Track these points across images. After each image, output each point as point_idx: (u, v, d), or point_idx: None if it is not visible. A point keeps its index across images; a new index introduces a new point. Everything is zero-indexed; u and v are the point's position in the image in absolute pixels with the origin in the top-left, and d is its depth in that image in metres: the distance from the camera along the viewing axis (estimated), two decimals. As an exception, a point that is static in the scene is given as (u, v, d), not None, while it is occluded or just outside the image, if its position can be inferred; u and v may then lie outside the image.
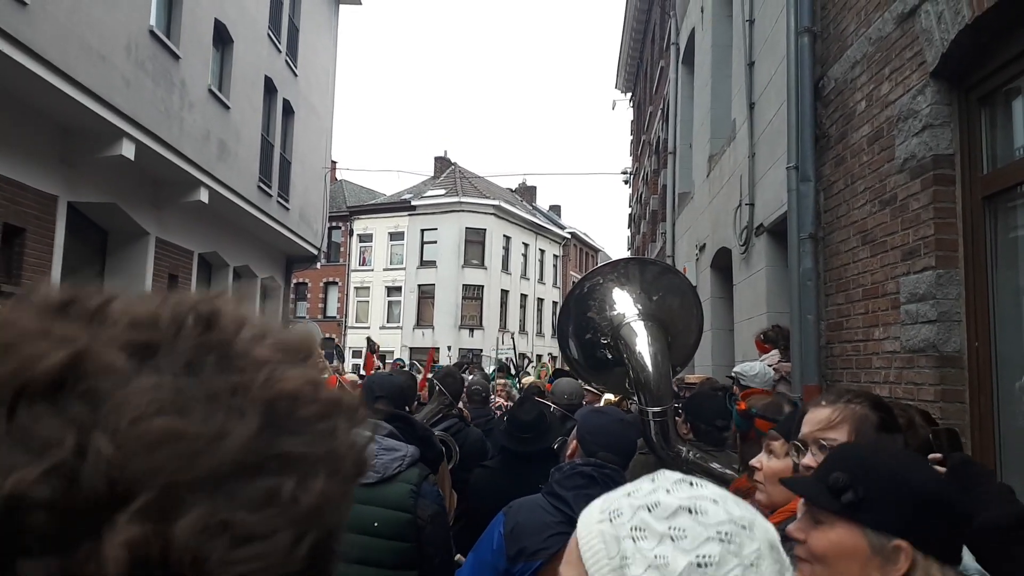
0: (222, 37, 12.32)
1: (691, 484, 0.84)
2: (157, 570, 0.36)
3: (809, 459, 1.86)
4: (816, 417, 1.89)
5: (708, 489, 0.83)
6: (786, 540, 1.47)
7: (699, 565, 0.75)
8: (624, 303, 3.75)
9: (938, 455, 2.19)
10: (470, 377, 6.74)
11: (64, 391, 0.38)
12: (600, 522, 0.82)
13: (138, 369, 0.40)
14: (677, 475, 0.86)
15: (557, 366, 16.63)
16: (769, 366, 5.27)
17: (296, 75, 16.51)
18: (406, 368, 10.64)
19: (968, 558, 1.67)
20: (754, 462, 2.16)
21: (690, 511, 0.79)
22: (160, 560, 0.36)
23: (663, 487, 0.83)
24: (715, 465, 3.31)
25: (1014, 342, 3.40)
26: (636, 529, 0.79)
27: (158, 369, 0.41)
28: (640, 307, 3.70)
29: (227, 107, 12.28)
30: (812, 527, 1.36)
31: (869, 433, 1.81)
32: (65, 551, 0.35)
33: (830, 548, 1.32)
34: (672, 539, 0.77)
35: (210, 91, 11.58)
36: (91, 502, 0.36)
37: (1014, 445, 3.32)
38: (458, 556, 3.10)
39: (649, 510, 0.80)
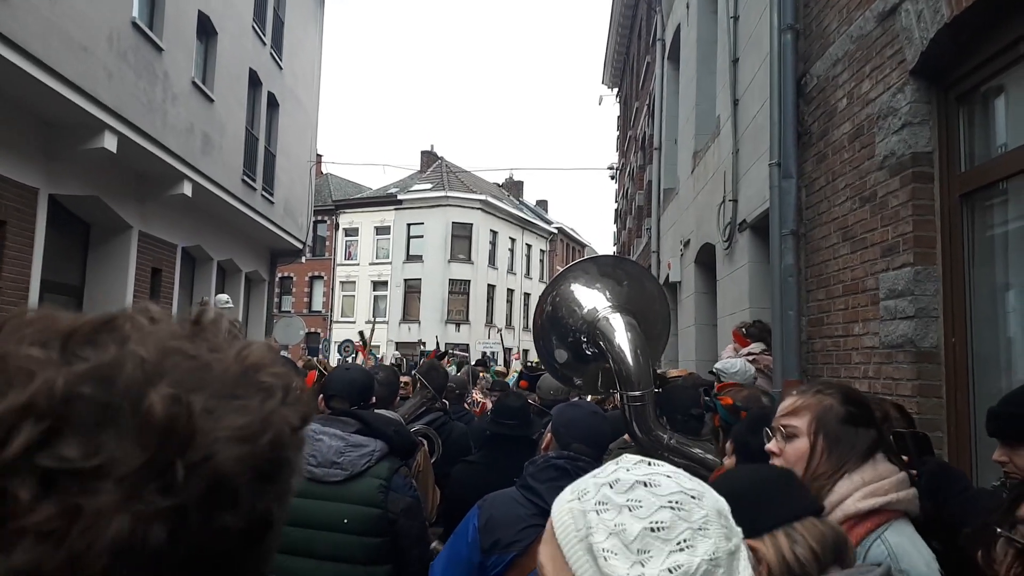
0: (206, 29, 12.23)
1: (648, 464, 0.94)
2: (182, 426, 0.51)
3: (772, 445, 1.89)
4: (785, 404, 1.92)
5: (663, 467, 0.93)
6: None
7: (652, 529, 0.85)
8: (594, 299, 3.78)
9: (903, 457, 2.22)
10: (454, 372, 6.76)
11: (101, 334, 0.55)
12: (570, 501, 0.92)
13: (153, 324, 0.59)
14: (637, 457, 0.95)
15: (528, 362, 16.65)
16: (753, 357, 5.31)
17: (281, 68, 16.42)
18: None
19: (924, 566, 1.69)
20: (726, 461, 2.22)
21: (645, 484, 0.89)
22: (183, 419, 0.51)
23: (623, 467, 0.93)
24: (696, 450, 3.35)
25: (990, 338, 3.45)
26: (599, 503, 0.89)
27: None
28: (609, 298, 3.74)
29: (211, 100, 12.19)
30: None
31: (832, 424, 1.82)
32: (106, 429, 0.50)
33: None
34: (629, 509, 0.87)
35: (194, 84, 11.49)
36: (127, 391, 0.51)
37: (990, 440, 3.35)
38: (434, 544, 3.11)
39: (611, 486, 0.90)
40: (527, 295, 41.79)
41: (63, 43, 7.69)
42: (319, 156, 25.25)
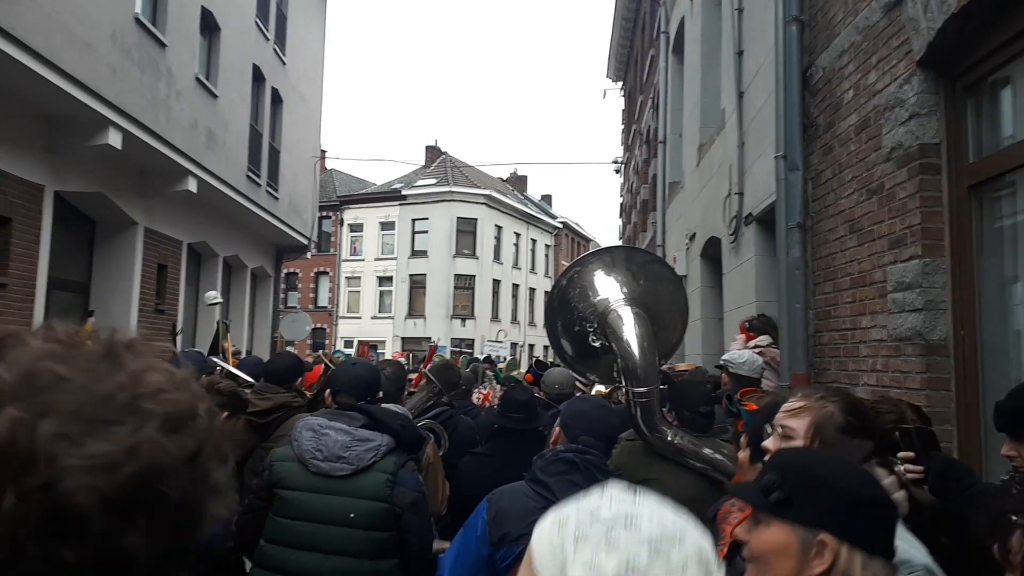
0: (209, 25, 12.22)
1: (633, 498, 0.93)
2: (20, 451, 0.49)
3: (770, 442, 1.89)
4: (787, 404, 1.92)
5: (647, 503, 0.92)
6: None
7: (627, 570, 0.84)
8: (609, 289, 3.79)
9: (909, 454, 2.20)
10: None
11: None
12: (550, 530, 0.92)
13: (43, 344, 0.57)
14: (622, 488, 0.95)
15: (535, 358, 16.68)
16: (760, 350, 5.29)
17: (284, 63, 16.41)
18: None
19: (916, 551, 1.68)
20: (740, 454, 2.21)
21: (625, 523, 0.88)
22: (23, 444, 0.49)
23: (607, 500, 0.92)
24: (707, 451, 3.33)
25: (999, 330, 3.43)
26: (577, 538, 0.88)
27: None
28: (625, 292, 3.74)
29: (215, 96, 12.20)
30: (754, 528, 1.43)
31: (830, 432, 1.81)
32: None
33: (765, 546, 1.39)
34: (606, 548, 0.86)
35: (197, 79, 11.49)
36: None
37: (1000, 433, 3.33)
38: (440, 543, 3.10)
39: (591, 520, 0.89)
40: (532, 290, 41.78)
41: (66, 39, 7.69)
42: (323, 151, 25.30)
